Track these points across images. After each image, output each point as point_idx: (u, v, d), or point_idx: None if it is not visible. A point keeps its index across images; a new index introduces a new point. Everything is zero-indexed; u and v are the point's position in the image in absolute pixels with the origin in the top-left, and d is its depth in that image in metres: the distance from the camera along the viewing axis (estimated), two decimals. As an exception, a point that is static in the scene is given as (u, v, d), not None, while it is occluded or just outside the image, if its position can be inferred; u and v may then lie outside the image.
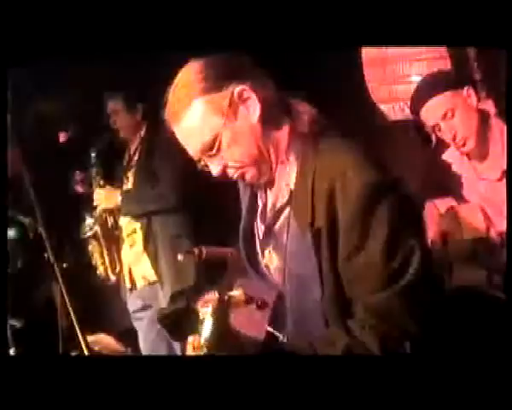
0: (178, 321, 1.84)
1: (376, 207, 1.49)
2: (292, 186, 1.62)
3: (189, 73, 1.62)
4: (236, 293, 1.60)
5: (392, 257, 1.48)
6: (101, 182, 3.92)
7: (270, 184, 1.68)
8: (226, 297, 1.53)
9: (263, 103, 1.61)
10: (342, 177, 1.51)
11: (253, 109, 1.61)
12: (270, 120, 1.63)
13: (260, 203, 1.74)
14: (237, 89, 1.59)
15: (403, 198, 1.54)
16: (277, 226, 1.66)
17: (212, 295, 1.54)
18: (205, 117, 1.59)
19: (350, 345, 1.48)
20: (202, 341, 1.50)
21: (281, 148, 1.64)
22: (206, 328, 1.49)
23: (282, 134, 1.65)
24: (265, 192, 1.72)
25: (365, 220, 1.49)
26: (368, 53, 3.13)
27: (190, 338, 1.69)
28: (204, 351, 1.50)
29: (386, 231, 1.48)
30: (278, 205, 1.66)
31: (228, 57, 1.64)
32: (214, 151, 1.61)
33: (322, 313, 1.54)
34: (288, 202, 1.62)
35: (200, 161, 1.66)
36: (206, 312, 1.51)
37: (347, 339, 1.49)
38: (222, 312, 1.51)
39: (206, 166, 1.67)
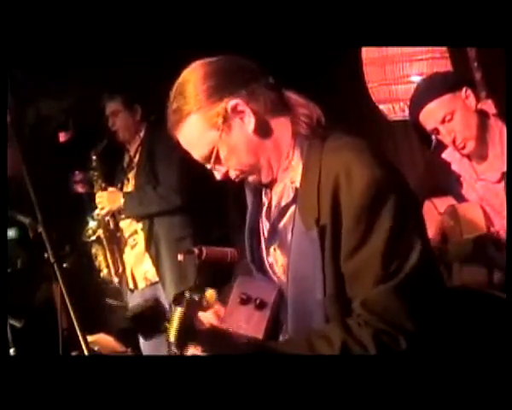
0: (148, 320, 1.85)
1: (380, 205, 1.49)
2: (297, 184, 1.62)
3: (186, 85, 1.62)
4: (208, 293, 1.61)
5: (392, 254, 1.48)
6: (103, 185, 3.92)
7: (274, 181, 1.68)
8: (197, 298, 1.54)
9: (257, 115, 1.61)
10: (347, 174, 1.51)
11: (247, 122, 1.61)
12: (267, 129, 1.63)
13: (265, 201, 1.74)
14: (230, 103, 1.59)
15: (406, 195, 1.55)
16: (282, 224, 1.66)
17: (184, 295, 1.56)
18: (201, 132, 1.61)
19: (347, 342, 1.48)
20: (170, 339, 1.53)
21: (282, 154, 1.64)
22: (174, 327, 1.53)
23: (284, 139, 1.64)
24: (270, 190, 1.72)
25: (369, 218, 1.49)
26: (368, 53, 3.13)
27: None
28: (172, 349, 1.55)
29: (388, 229, 1.48)
30: (283, 203, 1.66)
31: (225, 66, 1.64)
32: (212, 163, 1.63)
33: (324, 312, 1.54)
34: (294, 200, 1.62)
35: (205, 165, 1.68)
36: (175, 311, 1.54)
37: (344, 336, 1.49)
38: (190, 312, 1.54)
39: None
